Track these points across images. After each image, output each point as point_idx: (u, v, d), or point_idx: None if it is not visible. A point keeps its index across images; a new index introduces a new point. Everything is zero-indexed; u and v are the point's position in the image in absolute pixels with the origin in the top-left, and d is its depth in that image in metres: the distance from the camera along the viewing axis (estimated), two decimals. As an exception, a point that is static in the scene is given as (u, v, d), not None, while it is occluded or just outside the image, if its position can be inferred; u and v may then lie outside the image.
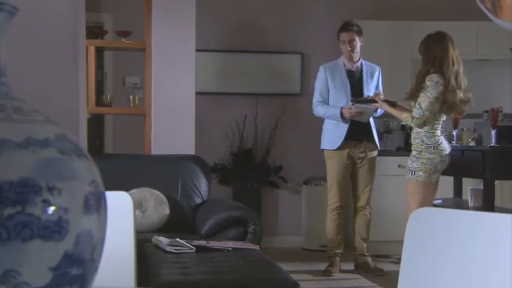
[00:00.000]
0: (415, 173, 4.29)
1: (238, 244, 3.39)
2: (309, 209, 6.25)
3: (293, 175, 6.41)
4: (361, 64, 5.10)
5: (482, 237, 1.08)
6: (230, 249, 3.28)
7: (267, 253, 5.97)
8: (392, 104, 4.66)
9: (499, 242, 1.06)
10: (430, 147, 4.26)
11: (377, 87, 5.11)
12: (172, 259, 3.08)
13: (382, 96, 4.88)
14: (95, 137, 6.27)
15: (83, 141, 3.35)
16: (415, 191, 4.31)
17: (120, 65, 6.09)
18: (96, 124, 6.20)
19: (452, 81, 4.23)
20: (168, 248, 3.21)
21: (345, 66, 5.07)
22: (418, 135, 4.34)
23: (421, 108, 4.24)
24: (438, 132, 4.31)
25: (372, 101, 4.77)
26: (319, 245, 5.93)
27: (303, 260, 5.75)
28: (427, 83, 4.22)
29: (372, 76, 5.08)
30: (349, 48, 5.00)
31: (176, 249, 3.20)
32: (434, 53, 4.26)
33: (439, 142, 4.28)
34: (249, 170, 6.23)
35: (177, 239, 3.29)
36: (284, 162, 6.37)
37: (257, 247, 3.44)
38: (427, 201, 4.30)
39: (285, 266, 5.48)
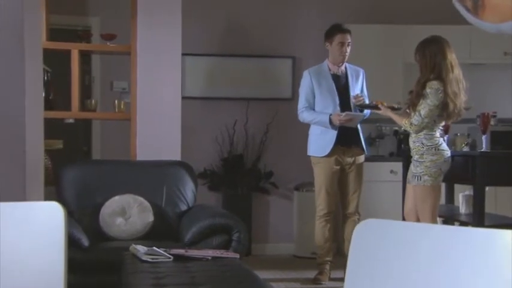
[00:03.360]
0: (420, 178, 4.16)
1: (218, 253, 3.30)
2: (300, 216, 6.15)
3: (284, 181, 6.32)
4: (346, 67, 5.00)
5: (427, 249, 1.02)
6: (209, 258, 3.19)
7: (258, 260, 5.95)
8: (393, 110, 4.58)
9: (445, 254, 1.01)
10: (431, 148, 4.16)
11: (362, 89, 5.01)
12: (148, 268, 2.99)
13: (362, 98, 4.81)
14: (83, 142, 6.19)
15: (32, 144, 3.23)
16: (425, 196, 4.18)
17: (108, 69, 6.01)
18: (83, 130, 6.12)
19: (454, 87, 4.14)
20: (145, 257, 3.12)
21: (330, 70, 4.97)
22: (417, 139, 4.24)
23: (420, 115, 4.14)
24: (437, 134, 4.22)
25: (374, 106, 4.68)
26: (311, 252, 5.83)
27: (293, 268, 5.66)
28: (428, 90, 4.12)
29: (356, 79, 4.99)
30: (345, 51, 4.90)
31: (153, 258, 3.11)
32: (433, 59, 4.15)
33: (440, 143, 4.19)
34: (240, 175, 6.15)
35: (154, 248, 3.20)
36: (275, 168, 6.28)
37: (237, 256, 3.35)
38: (437, 205, 4.21)
39: (275, 274, 5.43)
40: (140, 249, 3.23)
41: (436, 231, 1.02)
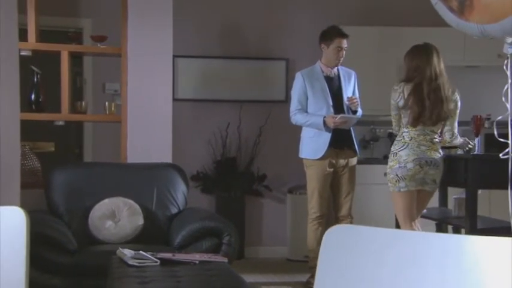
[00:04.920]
0: (388, 183, 4.23)
1: (205, 257, 3.26)
2: (293, 219, 6.11)
3: (277, 184, 6.28)
4: (338, 69, 4.96)
5: (397, 255, 0.99)
6: (197, 262, 3.15)
7: (251, 264, 5.91)
8: None
9: (414, 260, 0.98)
10: (392, 154, 4.20)
11: (353, 92, 4.97)
12: (134, 273, 2.95)
13: (356, 101, 4.78)
14: (74, 145, 6.15)
15: (6, 147, 3.16)
16: (395, 201, 4.26)
17: (100, 71, 5.97)
18: (75, 132, 6.08)
19: (424, 93, 4.15)
20: (131, 261, 3.08)
21: (323, 72, 4.93)
22: None
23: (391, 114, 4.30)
24: (406, 139, 4.17)
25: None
26: (304, 255, 5.79)
27: (286, 271, 5.62)
28: None
29: (349, 81, 4.96)
30: (341, 56, 4.87)
31: (139, 263, 3.07)
32: (413, 64, 4.21)
33: (401, 148, 4.15)
34: (233, 178, 6.11)
35: (141, 252, 3.16)
36: (268, 171, 6.24)
37: (225, 260, 3.31)
38: (407, 209, 4.17)
39: (267, 277, 5.40)
40: (127, 253, 3.19)
41: (406, 237, 0.99)
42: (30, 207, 4.42)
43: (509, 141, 2.78)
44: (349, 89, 4.93)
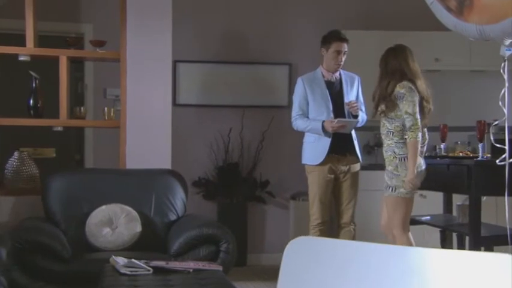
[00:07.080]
0: (395, 189, 4.16)
1: (200, 265, 3.19)
2: (296, 225, 6.04)
3: (280, 190, 6.21)
4: (340, 74, 4.89)
5: (359, 267, 0.93)
6: (190, 270, 3.09)
7: (253, 271, 5.84)
8: None
9: (376, 272, 0.92)
10: (403, 158, 4.08)
11: (357, 96, 4.89)
12: (125, 282, 2.89)
13: (356, 105, 4.70)
14: (76, 151, 6.12)
15: None
16: (397, 206, 4.19)
17: (101, 76, 5.92)
18: (77, 138, 6.05)
19: (424, 92, 4.14)
20: (123, 270, 3.02)
21: (324, 77, 4.85)
22: (389, 147, 4.23)
23: (411, 114, 4.06)
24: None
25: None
26: (307, 262, 5.71)
27: (288, 279, 5.52)
28: (402, 90, 4.09)
29: (351, 86, 4.87)
30: (340, 60, 4.79)
31: (131, 271, 3.01)
32: (394, 65, 4.18)
33: None
34: (235, 184, 6.04)
35: (133, 260, 3.09)
36: (271, 177, 6.17)
37: (220, 268, 3.24)
38: (408, 215, 4.18)
39: (270, 286, 5.32)
40: (120, 261, 3.13)
41: (368, 250, 0.94)
42: (28, 214, 4.40)
43: (507, 147, 2.70)
44: (352, 94, 4.85)
